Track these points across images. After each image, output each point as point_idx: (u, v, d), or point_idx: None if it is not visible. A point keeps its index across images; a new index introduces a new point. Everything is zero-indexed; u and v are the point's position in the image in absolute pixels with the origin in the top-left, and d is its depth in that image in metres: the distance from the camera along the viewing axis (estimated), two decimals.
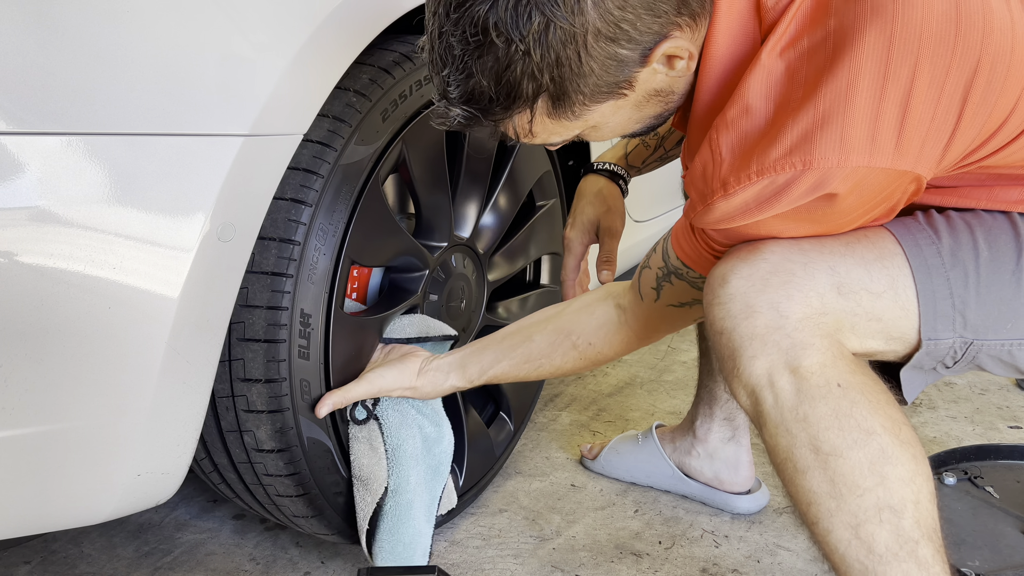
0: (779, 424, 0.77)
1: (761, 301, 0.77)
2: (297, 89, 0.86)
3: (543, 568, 1.21)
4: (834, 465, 0.74)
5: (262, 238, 0.91)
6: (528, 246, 1.37)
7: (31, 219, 0.70)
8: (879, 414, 0.75)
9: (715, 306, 0.80)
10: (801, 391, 0.75)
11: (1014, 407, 1.79)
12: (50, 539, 1.24)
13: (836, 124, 0.69)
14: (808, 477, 0.76)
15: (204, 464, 1.05)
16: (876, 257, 0.79)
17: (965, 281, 0.78)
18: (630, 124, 0.83)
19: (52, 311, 0.72)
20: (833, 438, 0.75)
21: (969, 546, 1.17)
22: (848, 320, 0.78)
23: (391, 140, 1.01)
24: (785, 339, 0.76)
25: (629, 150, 1.25)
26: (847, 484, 0.74)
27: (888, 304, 0.79)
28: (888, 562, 0.74)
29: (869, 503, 0.74)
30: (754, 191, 0.73)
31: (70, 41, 0.71)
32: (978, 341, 0.80)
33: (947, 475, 1.34)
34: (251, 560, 1.21)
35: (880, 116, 0.68)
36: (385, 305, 1.12)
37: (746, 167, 0.73)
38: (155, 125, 0.75)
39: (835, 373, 0.75)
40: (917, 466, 0.75)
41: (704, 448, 1.36)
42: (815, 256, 0.78)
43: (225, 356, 0.93)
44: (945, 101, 0.69)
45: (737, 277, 0.79)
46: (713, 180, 0.75)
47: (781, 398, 0.76)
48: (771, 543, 1.28)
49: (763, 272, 0.78)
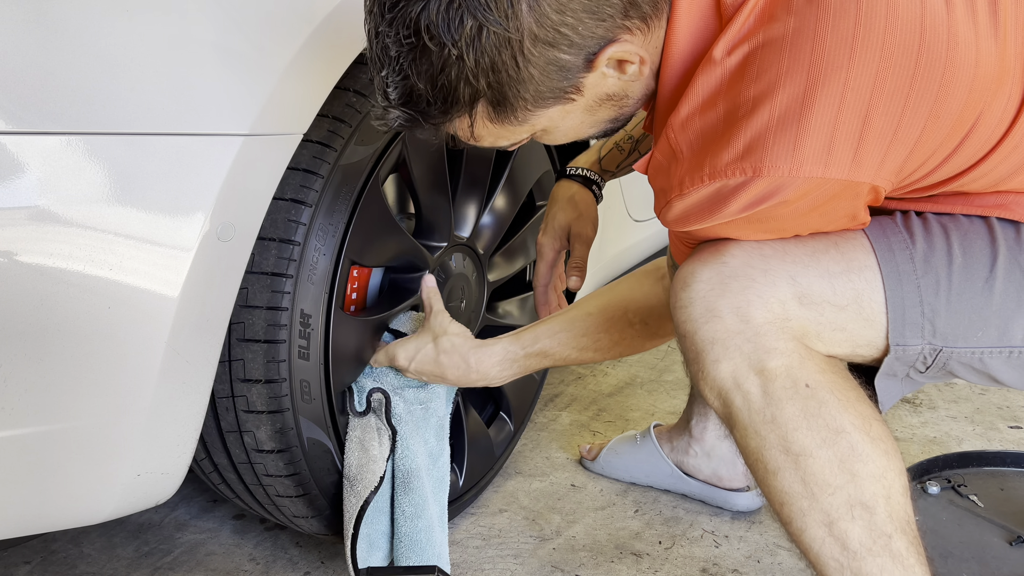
0: (748, 426, 0.77)
1: (722, 305, 0.77)
2: (297, 89, 0.86)
3: (543, 568, 1.21)
4: (804, 465, 0.75)
5: (262, 238, 0.91)
6: (528, 246, 1.37)
7: (31, 219, 0.70)
8: (848, 412, 0.75)
9: (678, 309, 0.80)
10: (767, 393, 0.76)
11: (1014, 407, 1.79)
12: (50, 539, 1.24)
13: (790, 132, 0.67)
14: (780, 478, 0.76)
15: (204, 464, 1.05)
16: (843, 270, 0.78)
17: (936, 288, 0.78)
18: (584, 128, 0.81)
19: (52, 311, 0.72)
20: (802, 438, 0.75)
21: (956, 558, 1.16)
22: (813, 328, 0.78)
23: (391, 140, 1.01)
24: (747, 343, 0.76)
25: (603, 154, 1.25)
26: (818, 483, 0.75)
27: (851, 316, 0.78)
28: (863, 557, 0.74)
29: (841, 500, 0.74)
30: (706, 193, 0.72)
31: (70, 41, 0.71)
32: (947, 348, 0.79)
33: (930, 484, 1.33)
34: (251, 560, 1.21)
35: (838, 126, 0.66)
36: (385, 305, 1.12)
37: (699, 168, 0.72)
38: (155, 125, 0.75)
39: (803, 373, 0.76)
40: (888, 461, 0.75)
41: (701, 446, 1.37)
42: (776, 264, 0.78)
43: (225, 356, 0.93)
44: (910, 112, 0.67)
45: (697, 281, 0.79)
46: (672, 178, 0.74)
47: (749, 400, 0.76)
48: (771, 543, 1.28)
49: (723, 276, 0.78)
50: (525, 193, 1.32)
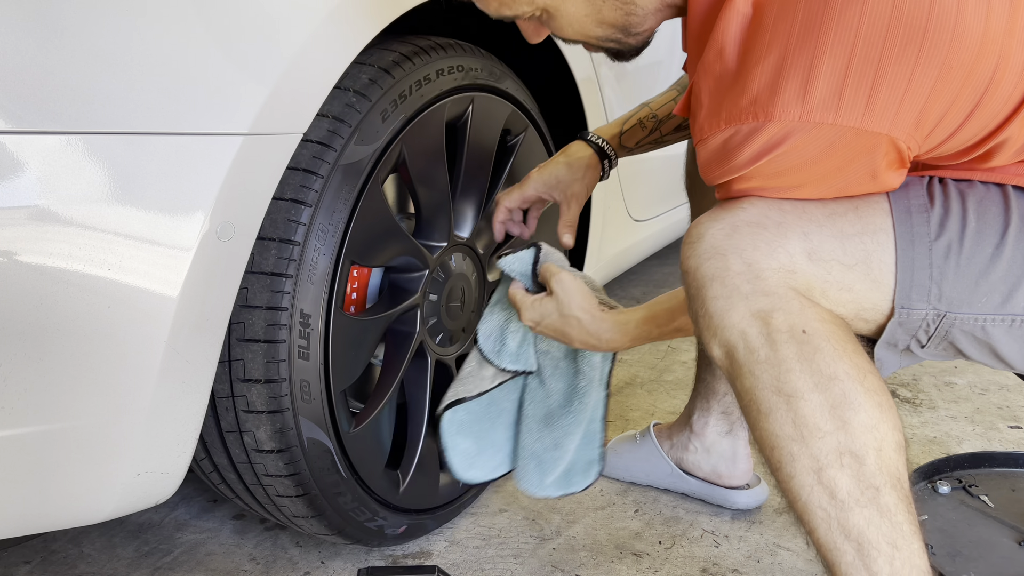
0: (743, 366, 0.77)
1: (728, 246, 0.77)
2: (296, 88, 0.86)
3: (543, 568, 1.21)
4: (796, 407, 0.75)
5: (262, 238, 0.91)
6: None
7: (31, 218, 0.70)
8: (844, 361, 0.75)
9: (686, 246, 0.80)
10: (763, 334, 0.75)
11: (1014, 407, 1.79)
12: (50, 539, 1.24)
13: (800, 76, 0.68)
14: (771, 419, 0.76)
15: (204, 464, 1.05)
16: (857, 232, 0.79)
17: (947, 252, 0.78)
18: (587, 23, 0.83)
19: (51, 310, 0.72)
20: (795, 380, 0.75)
21: (964, 557, 1.16)
22: (818, 285, 0.78)
23: (391, 140, 1.01)
24: (747, 284, 0.76)
25: (624, 128, 1.24)
26: (808, 426, 0.74)
27: (859, 276, 0.78)
28: (850, 508, 0.74)
29: (830, 446, 0.74)
30: (722, 139, 0.74)
31: (70, 40, 0.71)
32: (951, 314, 0.79)
33: (941, 484, 1.33)
34: (251, 560, 1.21)
35: (850, 72, 0.67)
36: (385, 305, 1.12)
37: (717, 114, 0.73)
38: (155, 124, 0.75)
39: (801, 319, 0.75)
40: (882, 414, 0.75)
41: (701, 442, 1.36)
42: (792, 219, 0.78)
43: (225, 356, 0.93)
44: (923, 61, 0.68)
45: (710, 221, 0.79)
46: (695, 124, 0.76)
47: (746, 340, 0.76)
48: (771, 543, 1.28)
49: (736, 222, 0.78)
50: None
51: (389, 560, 1.22)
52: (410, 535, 1.21)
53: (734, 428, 1.35)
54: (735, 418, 1.35)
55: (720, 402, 1.34)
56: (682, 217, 2.05)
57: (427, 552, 1.24)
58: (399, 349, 1.14)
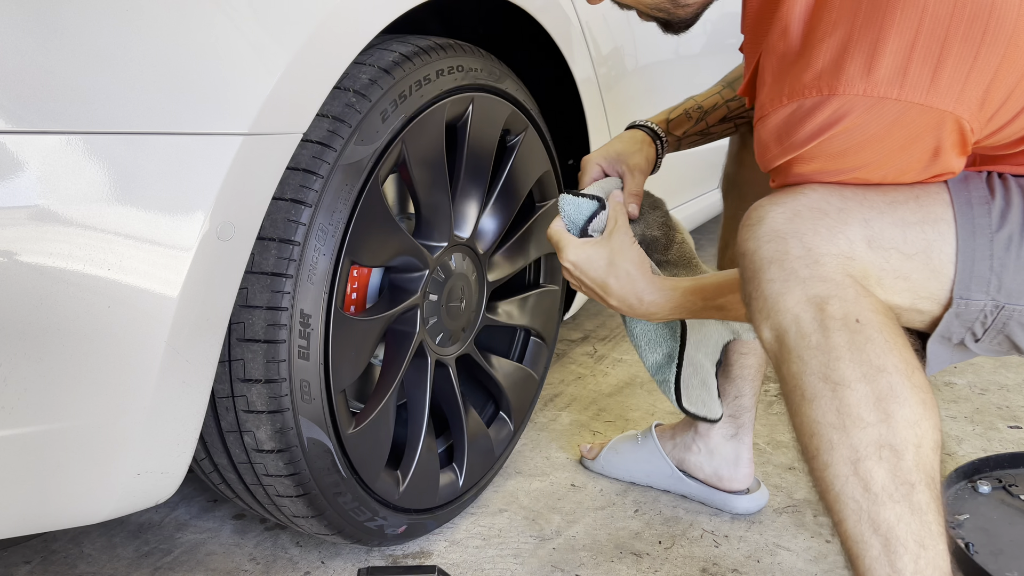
0: (792, 350, 0.76)
1: (788, 229, 0.77)
2: (296, 88, 0.86)
3: (543, 568, 1.21)
4: (841, 395, 0.74)
5: (262, 238, 0.91)
6: (528, 246, 1.37)
7: (30, 218, 0.70)
8: (893, 354, 0.74)
9: (744, 227, 0.80)
10: (817, 320, 0.75)
11: (1014, 407, 1.79)
12: (50, 539, 1.24)
13: (865, 51, 0.69)
14: (815, 406, 0.75)
15: (204, 464, 1.05)
16: (918, 220, 0.78)
17: (1008, 244, 0.77)
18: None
19: (52, 310, 0.72)
20: (844, 368, 0.74)
21: (1007, 556, 1.17)
22: (875, 273, 0.77)
23: (391, 140, 1.01)
24: (805, 269, 0.75)
25: (671, 117, 1.25)
26: (851, 416, 0.74)
27: (918, 265, 0.78)
28: (883, 502, 0.73)
29: (871, 438, 0.73)
30: (784, 114, 0.74)
31: (70, 40, 0.71)
32: (1010, 306, 0.78)
33: (981, 483, 1.34)
34: (251, 560, 1.21)
35: (915, 48, 0.68)
36: (385, 305, 1.12)
37: (780, 90, 0.74)
38: (154, 124, 0.75)
39: (855, 308, 0.75)
40: (925, 411, 0.74)
41: (705, 444, 1.36)
42: (853, 205, 0.78)
43: (225, 356, 0.93)
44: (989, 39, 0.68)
45: (771, 204, 0.79)
46: (758, 104, 0.77)
47: (798, 324, 0.76)
48: (771, 543, 1.28)
49: (797, 206, 0.78)
50: (525, 193, 1.32)
51: (389, 560, 1.22)
52: (410, 535, 1.21)
53: (740, 432, 1.35)
54: (742, 422, 1.35)
55: (729, 405, 1.34)
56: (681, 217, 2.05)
57: (427, 552, 1.24)
58: (399, 349, 1.14)
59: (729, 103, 1.22)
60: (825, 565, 1.23)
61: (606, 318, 2.32)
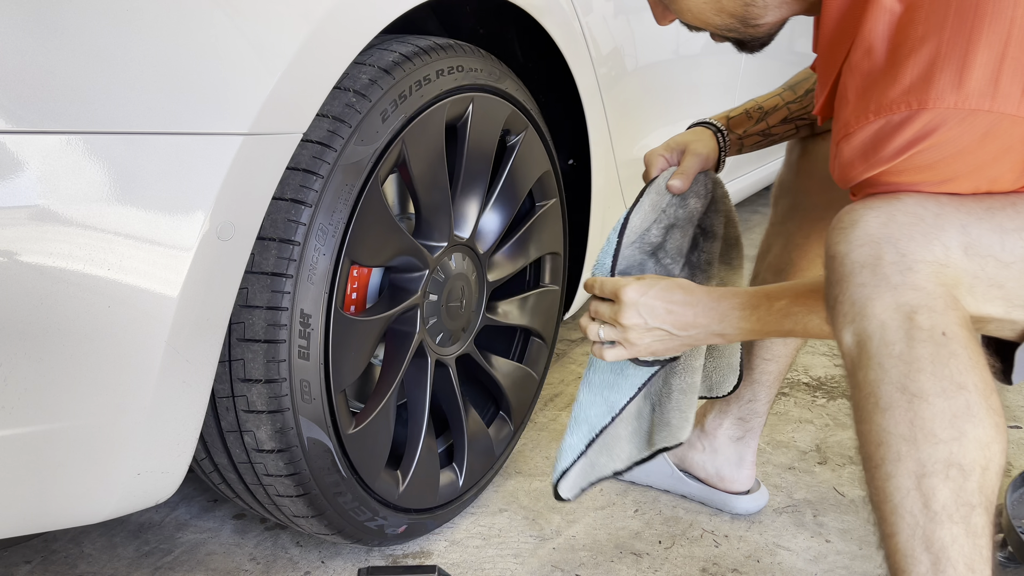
0: (873, 357, 0.75)
1: (882, 234, 0.76)
2: (296, 88, 0.86)
3: (543, 568, 1.21)
4: (917, 408, 0.73)
5: (262, 238, 0.91)
6: (528, 246, 1.37)
7: (31, 218, 0.70)
8: (974, 373, 0.73)
9: (835, 231, 0.79)
10: (903, 329, 0.73)
11: (1013, 407, 1.79)
12: (50, 538, 1.24)
13: (955, 64, 0.69)
14: (887, 416, 0.74)
15: (204, 464, 1.05)
16: (1017, 227, 0.77)
17: None
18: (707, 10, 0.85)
19: (52, 310, 0.72)
20: (924, 381, 0.73)
21: None
22: (967, 280, 0.76)
23: (391, 140, 1.01)
24: (897, 275, 0.74)
25: (731, 115, 1.25)
26: (924, 430, 0.72)
27: (1014, 274, 0.77)
28: (941, 521, 0.72)
29: (941, 455, 0.72)
30: (870, 131, 0.74)
31: (70, 40, 0.71)
32: None
33: None
34: (251, 560, 1.21)
35: (1005, 59, 0.68)
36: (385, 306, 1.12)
37: (865, 107, 0.74)
38: (155, 124, 0.75)
39: (943, 320, 0.73)
40: (997, 434, 0.73)
41: (710, 442, 1.36)
42: (950, 211, 0.77)
43: (225, 356, 0.93)
44: None
45: (865, 208, 0.78)
46: (839, 122, 0.77)
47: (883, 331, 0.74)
48: (771, 543, 1.28)
49: (892, 211, 0.77)
50: (525, 193, 1.32)
51: (389, 560, 1.22)
52: (410, 535, 1.21)
53: (747, 436, 1.35)
54: (751, 426, 1.35)
55: (740, 408, 1.34)
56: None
57: (427, 552, 1.24)
58: (399, 349, 1.14)
59: (790, 105, 1.22)
60: (825, 565, 1.23)
61: None
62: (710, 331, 1.01)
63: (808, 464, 1.53)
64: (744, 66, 2.18)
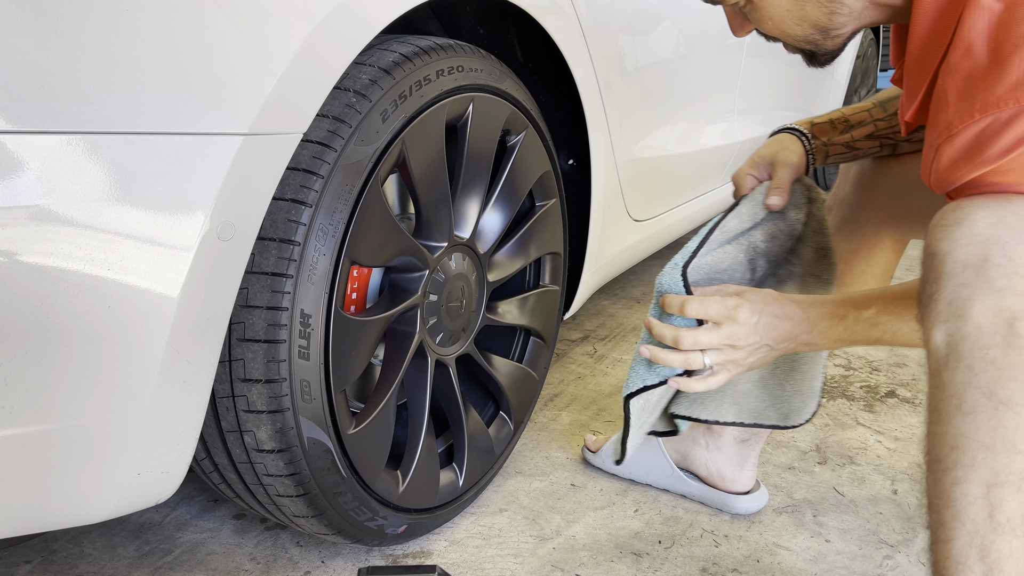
0: (963, 359, 0.73)
1: (989, 235, 0.73)
2: (296, 88, 0.86)
3: (543, 568, 1.21)
4: (1002, 416, 0.71)
5: (262, 238, 0.91)
6: (528, 246, 1.37)
7: (31, 218, 0.70)
8: None
9: (938, 227, 0.77)
10: (1000, 333, 0.71)
11: None
12: (51, 538, 1.24)
13: None
14: (968, 420, 0.72)
15: (204, 464, 1.05)
16: None
17: None
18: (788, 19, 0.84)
19: (52, 310, 0.72)
20: (1015, 390, 0.71)
21: None
22: None
23: (391, 140, 1.01)
24: (1002, 278, 0.72)
25: (815, 122, 1.24)
26: (1005, 439, 0.71)
27: None
28: (1002, 533, 0.70)
29: (1017, 467, 0.70)
30: (976, 130, 0.72)
31: (70, 40, 0.71)
32: None
33: None
34: (251, 560, 1.21)
35: None
36: (385, 306, 1.12)
37: (969, 106, 0.72)
38: (155, 124, 0.75)
39: None
40: None
41: (714, 441, 1.36)
42: None
43: (225, 356, 0.93)
44: None
45: (973, 206, 0.75)
46: (939, 124, 0.75)
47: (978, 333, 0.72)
48: (771, 543, 1.28)
49: (1003, 211, 0.74)
50: (525, 193, 1.32)
51: (389, 560, 1.22)
52: (410, 535, 1.21)
53: (752, 439, 1.35)
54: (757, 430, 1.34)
55: None
56: (682, 217, 2.05)
57: (427, 552, 1.24)
58: (399, 349, 1.14)
59: (877, 122, 1.20)
60: (825, 565, 1.23)
61: (606, 318, 2.32)
62: (800, 341, 1.00)
63: (808, 464, 1.53)
64: (744, 66, 2.18)
